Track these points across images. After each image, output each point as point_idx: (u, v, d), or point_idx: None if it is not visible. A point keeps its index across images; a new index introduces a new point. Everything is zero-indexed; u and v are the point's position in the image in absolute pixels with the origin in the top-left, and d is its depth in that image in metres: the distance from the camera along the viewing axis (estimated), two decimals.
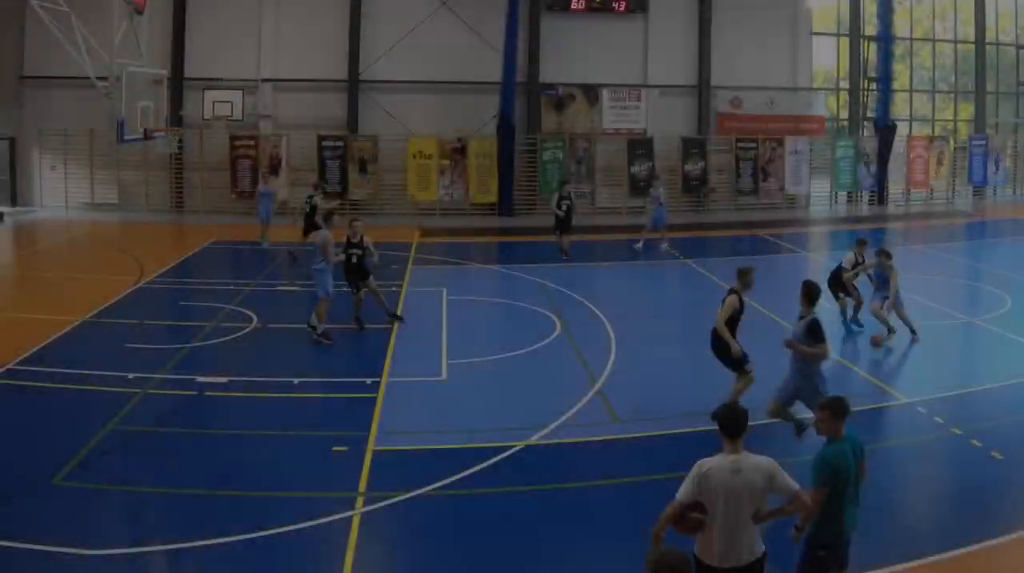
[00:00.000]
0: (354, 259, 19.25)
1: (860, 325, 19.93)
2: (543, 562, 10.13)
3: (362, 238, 19.31)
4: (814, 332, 12.48)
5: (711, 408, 7.32)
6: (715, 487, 7.17)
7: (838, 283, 19.79)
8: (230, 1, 38.10)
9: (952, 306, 22.34)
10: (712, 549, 7.29)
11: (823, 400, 8.33)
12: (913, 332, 18.95)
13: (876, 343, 18.68)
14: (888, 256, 18.98)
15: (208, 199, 38.18)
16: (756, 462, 7.33)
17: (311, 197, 27.96)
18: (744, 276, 14.17)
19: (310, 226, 27.39)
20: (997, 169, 45.52)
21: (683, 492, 7.23)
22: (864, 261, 19.84)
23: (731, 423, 7.40)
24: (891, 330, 18.77)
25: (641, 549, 10.39)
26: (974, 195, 46.12)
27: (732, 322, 14.05)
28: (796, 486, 7.39)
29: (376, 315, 19.68)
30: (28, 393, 15.17)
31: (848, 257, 20.03)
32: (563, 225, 28.69)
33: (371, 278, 19.62)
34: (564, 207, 28.49)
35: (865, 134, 44.00)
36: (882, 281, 19.07)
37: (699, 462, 7.31)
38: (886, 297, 18.73)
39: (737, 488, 7.19)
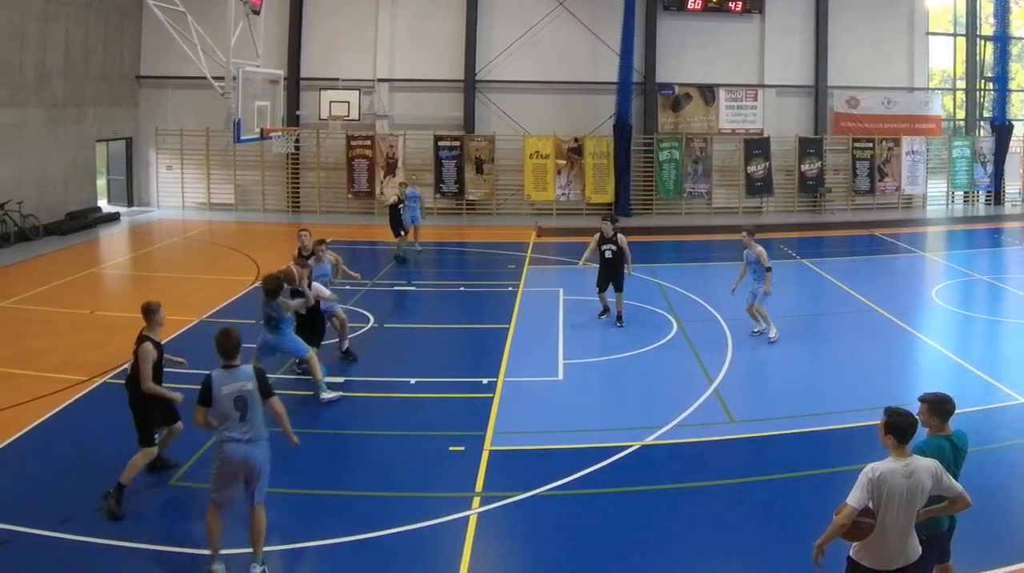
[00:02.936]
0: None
1: None
2: (658, 561, 9.98)
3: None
4: None
5: (827, 409, 7.12)
6: (890, 491, 7.27)
7: None
8: (346, 1, 38.70)
9: None
10: (886, 553, 7.40)
11: (924, 395, 8.26)
12: None
13: None
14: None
15: (325, 199, 38.74)
16: (924, 464, 7.43)
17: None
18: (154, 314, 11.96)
19: (395, 224, 27.81)
20: None
21: (856, 499, 7.27)
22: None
23: (903, 430, 7.45)
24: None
25: (760, 548, 10.19)
26: None
27: None
28: (959, 486, 7.53)
29: (491, 315, 19.57)
30: None
31: None
32: (602, 278, 20.33)
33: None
34: (608, 254, 19.95)
35: (981, 134, 42.91)
36: None
37: (870, 467, 7.38)
38: None
39: (911, 490, 7.30)
